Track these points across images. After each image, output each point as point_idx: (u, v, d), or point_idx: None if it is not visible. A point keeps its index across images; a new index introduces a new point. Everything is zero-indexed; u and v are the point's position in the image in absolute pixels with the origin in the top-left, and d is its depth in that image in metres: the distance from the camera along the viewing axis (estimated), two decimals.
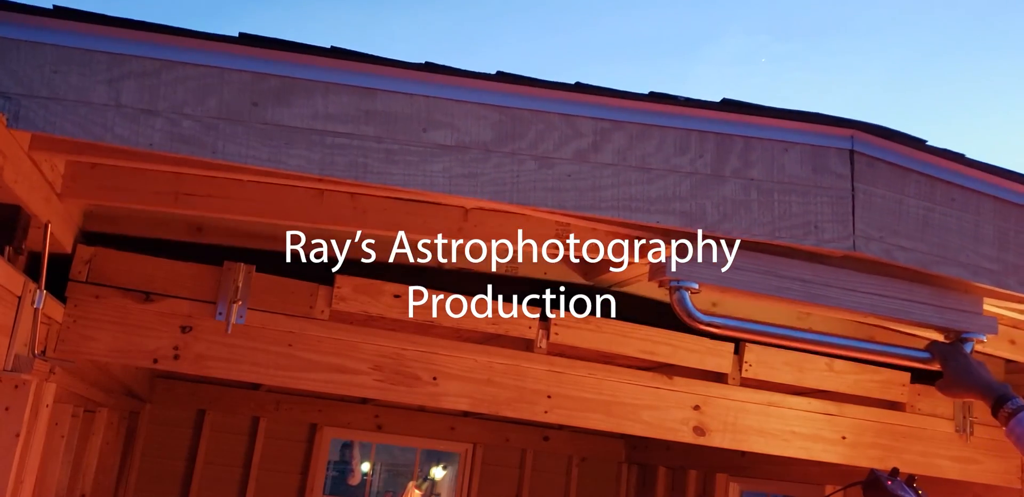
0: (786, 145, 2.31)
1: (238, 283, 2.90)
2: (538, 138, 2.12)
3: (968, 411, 3.75)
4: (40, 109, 1.83)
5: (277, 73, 1.97)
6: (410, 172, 2.01)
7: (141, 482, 5.74)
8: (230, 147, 1.91)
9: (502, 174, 2.07)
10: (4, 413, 2.30)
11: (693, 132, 2.24)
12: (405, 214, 2.80)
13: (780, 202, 2.27)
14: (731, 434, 3.42)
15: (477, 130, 2.08)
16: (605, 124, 2.18)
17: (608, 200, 2.14)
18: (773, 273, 2.32)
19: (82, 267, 2.83)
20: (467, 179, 2.05)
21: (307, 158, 1.95)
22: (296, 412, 6.07)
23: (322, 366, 2.98)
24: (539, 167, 2.11)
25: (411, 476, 8.84)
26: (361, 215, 2.76)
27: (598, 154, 2.15)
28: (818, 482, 4.65)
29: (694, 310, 2.26)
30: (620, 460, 6.70)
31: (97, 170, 2.58)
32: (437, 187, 2.03)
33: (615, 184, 2.15)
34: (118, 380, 4.09)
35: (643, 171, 2.18)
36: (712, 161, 2.24)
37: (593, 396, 3.27)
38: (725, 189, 2.23)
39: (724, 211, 2.22)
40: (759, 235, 2.25)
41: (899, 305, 2.46)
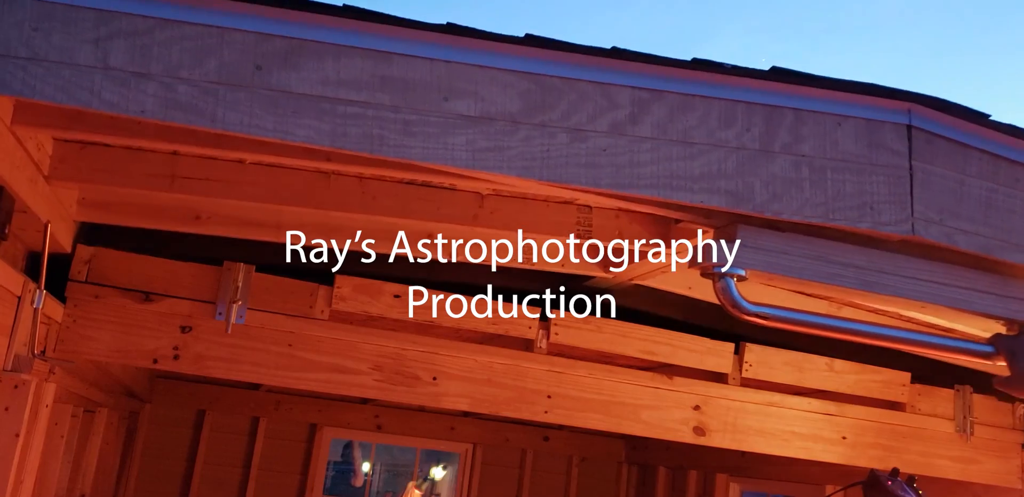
0: (839, 119, 2.14)
1: (238, 283, 2.90)
2: (570, 109, 1.94)
3: (968, 411, 3.75)
4: (19, 71, 1.66)
5: (283, 34, 1.81)
6: (430, 145, 1.83)
7: (141, 482, 5.74)
8: (231, 115, 1.74)
9: (531, 148, 1.89)
10: (4, 413, 2.30)
11: (739, 103, 2.06)
12: (416, 200, 2.70)
13: (833, 181, 2.09)
14: (731, 434, 3.41)
15: (503, 100, 1.90)
16: (643, 94, 1.99)
17: (647, 177, 1.95)
18: (824, 259, 2.16)
19: (82, 267, 2.83)
20: (492, 153, 1.87)
21: (316, 128, 1.77)
22: (296, 412, 6.06)
23: (322, 366, 2.98)
24: (571, 141, 1.92)
25: (411, 476, 8.83)
26: (370, 201, 2.67)
27: (636, 127, 1.97)
28: (818, 482, 4.65)
29: (741, 299, 2.09)
30: (620, 460, 6.69)
31: (88, 151, 2.49)
32: (459, 162, 1.84)
33: (654, 160, 1.96)
34: (118, 380, 4.09)
35: (685, 146, 2.00)
36: (760, 135, 2.06)
37: (593, 396, 3.27)
38: (774, 166, 2.05)
39: (774, 190, 2.04)
40: (812, 217, 2.06)
41: (959, 294, 2.28)
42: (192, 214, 2.90)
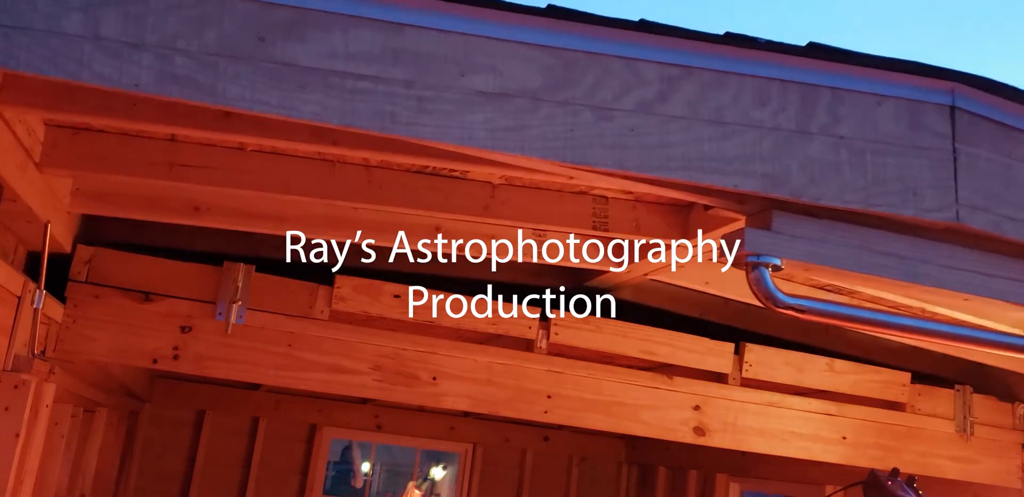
0: (879, 99, 2.01)
1: (238, 283, 2.90)
2: (595, 86, 1.82)
3: (968, 411, 3.75)
4: (1, 40, 1.55)
5: (288, 3, 1.69)
6: (445, 123, 1.70)
7: (141, 482, 5.74)
8: (232, 89, 1.62)
9: (554, 127, 1.77)
10: (4, 413, 2.30)
11: (774, 81, 1.94)
12: (425, 189, 2.62)
13: (874, 164, 1.98)
14: (731, 434, 3.41)
15: (524, 75, 1.78)
16: (673, 70, 1.88)
17: (677, 159, 1.82)
18: (866, 248, 2.02)
19: (82, 267, 2.83)
20: (513, 133, 1.74)
21: (324, 104, 1.65)
22: (296, 412, 6.06)
23: (322, 366, 2.98)
24: (597, 120, 1.80)
25: (411, 476, 8.83)
26: (377, 190, 2.58)
27: (665, 105, 1.85)
28: (818, 482, 4.65)
29: (776, 291, 1.96)
30: (620, 460, 6.69)
31: (81, 137, 2.39)
32: (477, 141, 1.72)
33: (685, 141, 1.84)
34: (118, 380, 4.09)
35: (718, 126, 1.88)
36: (796, 115, 1.94)
37: (593, 396, 3.27)
38: (812, 148, 1.93)
39: (811, 174, 1.92)
40: (852, 202, 1.95)
41: (1007, 286, 2.14)
42: (190, 205, 2.81)
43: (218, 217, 2.85)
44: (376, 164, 2.60)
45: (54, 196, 2.56)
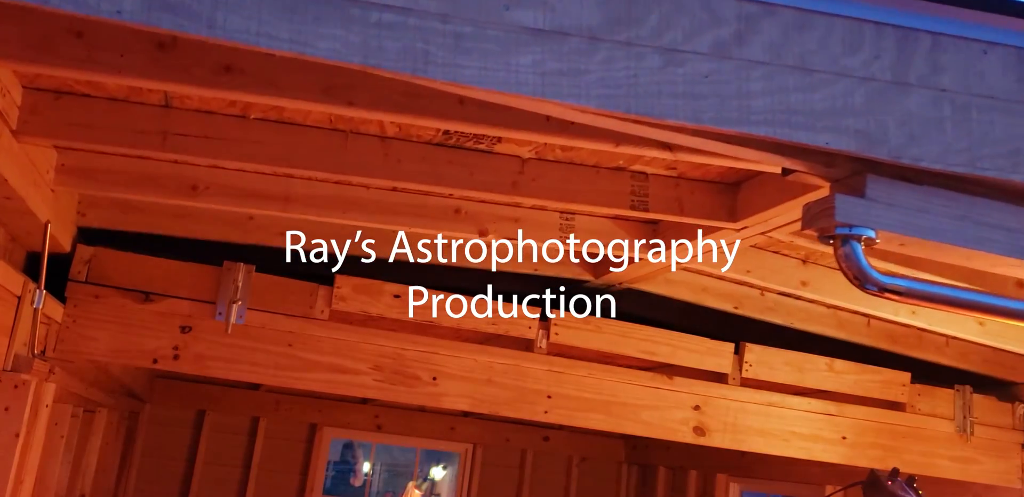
0: (985, 46, 1.77)
1: (238, 283, 2.90)
2: (663, 24, 1.58)
3: (968, 411, 3.75)
4: None
5: None
6: (488, 66, 1.45)
7: (141, 482, 5.73)
8: (234, 20, 1.38)
9: (615, 72, 1.51)
10: (4, 413, 2.30)
11: (867, 24, 1.71)
12: (448, 164, 2.42)
13: (979, 122, 1.74)
14: (731, 434, 3.41)
15: (579, 10, 1.55)
16: (752, 8, 1.65)
17: (760, 112, 1.59)
18: (969, 219, 1.78)
19: (82, 267, 2.83)
20: (567, 78, 1.50)
21: (344, 40, 1.40)
22: (296, 412, 6.06)
23: (322, 366, 2.98)
24: (665, 64, 1.56)
25: (411, 476, 8.83)
26: (394, 165, 2.38)
27: (743, 48, 1.61)
28: (818, 482, 4.64)
29: (870, 269, 1.71)
30: (620, 460, 6.69)
31: (64, 103, 2.18)
32: (525, 87, 1.48)
33: (768, 90, 1.60)
34: (118, 380, 4.09)
35: (804, 73, 1.65)
36: (892, 64, 1.71)
37: (593, 396, 3.26)
38: (910, 102, 1.69)
39: (911, 131, 1.69)
40: (956, 165, 1.71)
41: None
42: (188, 184, 2.60)
43: (218, 197, 2.65)
44: (393, 135, 2.38)
45: (36, 170, 2.34)
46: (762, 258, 3.20)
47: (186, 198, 2.64)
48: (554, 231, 2.90)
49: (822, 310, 3.64)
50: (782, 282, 3.22)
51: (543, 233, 2.90)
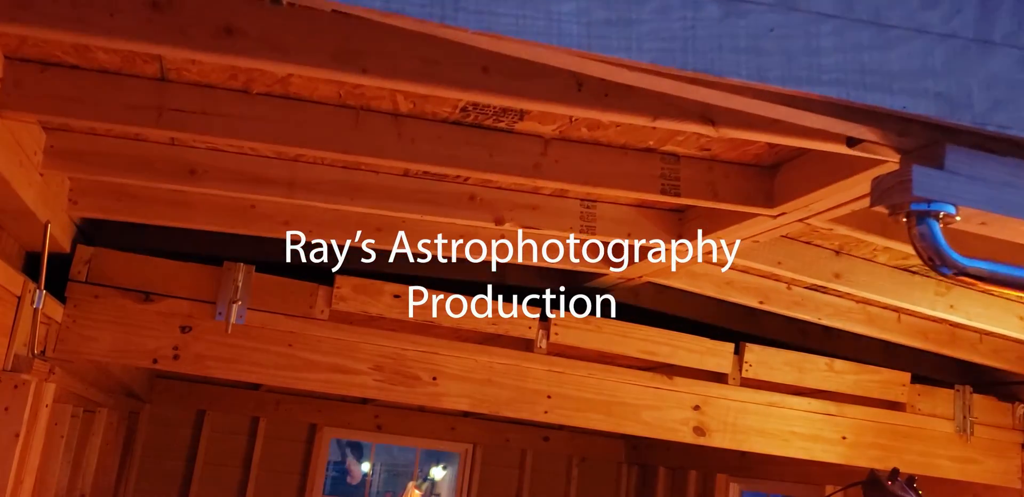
0: None
1: (238, 283, 2.90)
2: None
3: (968, 411, 3.75)
4: None
5: None
6: (526, 13, 1.28)
7: (141, 482, 5.73)
8: None
9: (670, 23, 1.35)
10: (4, 413, 2.30)
11: None
12: (465, 144, 2.28)
13: None
14: (731, 434, 3.41)
15: None
16: None
17: (830, 70, 1.42)
18: None
19: (82, 267, 2.83)
20: (615, 29, 1.32)
21: None
22: (296, 412, 6.06)
23: (322, 366, 2.98)
24: (725, 15, 1.41)
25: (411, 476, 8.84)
26: (408, 145, 2.24)
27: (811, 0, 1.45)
28: (818, 482, 4.64)
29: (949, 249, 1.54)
30: (620, 460, 6.69)
31: (50, 75, 2.03)
32: (568, 39, 1.31)
33: (839, 47, 1.44)
34: (118, 380, 4.09)
35: (878, 29, 1.48)
36: (974, 19, 1.52)
37: (593, 396, 3.26)
38: (994, 63, 1.51)
39: (995, 96, 1.50)
40: None
41: None
42: (186, 167, 2.45)
43: (217, 181, 2.50)
44: (407, 112, 2.23)
45: (22, 150, 2.22)
46: (793, 249, 3.03)
47: (184, 182, 2.49)
48: (574, 219, 2.75)
49: (850, 305, 3.49)
50: (814, 274, 3.06)
51: (563, 221, 2.75)
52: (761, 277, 3.34)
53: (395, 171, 2.63)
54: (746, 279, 3.35)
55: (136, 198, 2.83)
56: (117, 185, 2.77)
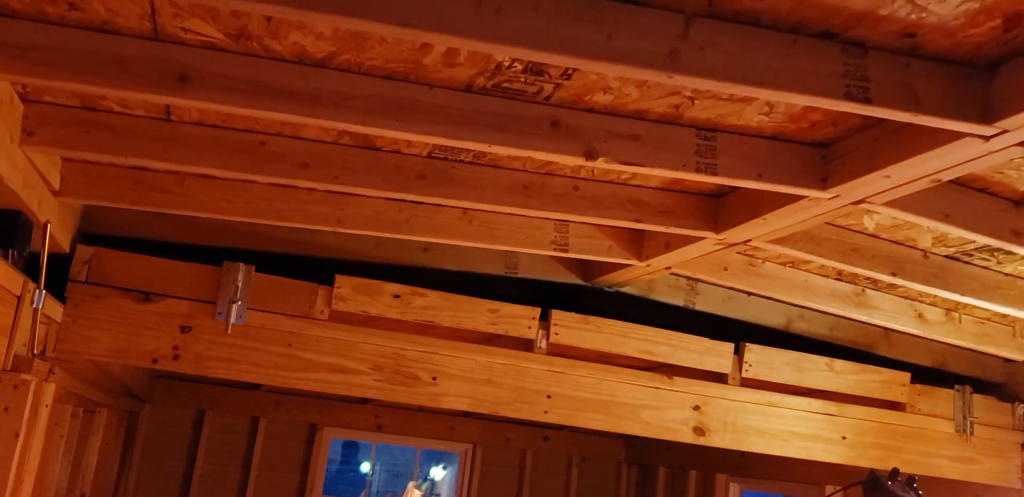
0: None
1: (237, 283, 2.90)
2: None
3: (968, 411, 3.75)
4: None
5: None
6: None
7: (141, 482, 5.74)
8: None
9: None
10: (3, 413, 2.30)
11: None
12: (572, 20, 1.67)
13: None
14: (731, 434, 3.41)
15: None
16: None
17: None
18: None
19: (81, 267, 2.83)
20: None
21: None
22: (296, 412, 6.06)
23: (322, 366, 2.98)
24: None
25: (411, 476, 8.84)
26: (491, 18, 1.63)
27: None
28: (818, 482, 4.65)
29: None
30: (620, 460, 6.69)
31: None
32: None
33: None
34: (118, 380, 4.09)
35: None
36: None
37: (593, 396, 3.26)
38: None
39: None
40: None
41: None
42: (174, 70, 1.88)
43: (216, 91, 1.92)
44: None
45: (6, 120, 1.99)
46: (964, 198, 2.41)
47: (171, 92, 1.90)
48: (687, 154, 2.18)
49: (999, 278, 2.88)
50: (989, 230, 2.45)
51: (673, 156, 2.16)
52: (893, 243, 2.82)
53: (455, 82, 2.04)
54: (876, 245, 2.81)
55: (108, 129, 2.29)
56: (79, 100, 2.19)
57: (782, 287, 3.30)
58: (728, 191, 2.68)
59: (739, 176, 2.22)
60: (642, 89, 2.02)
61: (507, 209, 2.67)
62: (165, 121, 2.36)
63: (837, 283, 3.38)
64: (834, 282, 3.37)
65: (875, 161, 2.07)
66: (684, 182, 2.65)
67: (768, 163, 2.20)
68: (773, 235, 2.69)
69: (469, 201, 2.60)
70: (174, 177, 2.76)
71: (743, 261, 3.28)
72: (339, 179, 2.50)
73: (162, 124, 2.36)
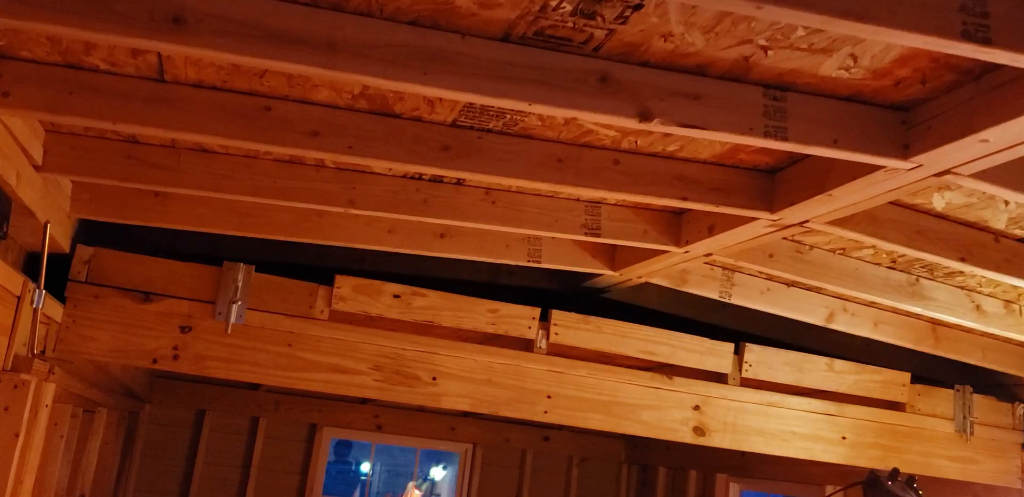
0: None
1: (237, 283, 2.90)
2: None
3: (968, 411, 3.75)
4: None
5: None
6: None
7: (141, 482, 5.74)
8: None
9: None
10: (3, 413, 2.29)
11: None
12: None
13: None
14: (731, 434, 3.41)
15: None
16: None
17: None
18: None
19: (81, 267, 2.83)
20: None
21: None
22: (296, 412, 6.06)
23: (322, 366, 2.98)
24: None
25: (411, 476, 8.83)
26: None
27: None
28: (818, 482, 4.65)
29: None
30: (620, 460, 6.69)
31: None
32: None
33: None
34: (118, 380, 4.09)
35: None
36: None
37: (593, 396, 3.26)
38: None
39: None
40: None
41: None
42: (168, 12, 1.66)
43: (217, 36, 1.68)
44: None
45: None
46: None
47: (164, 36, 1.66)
48: (755, 116, 1.91)
49: None
50: None
51: (738, 118, 1.91)
52: (963, 225, 2.64)
53: (492, 29, 1.79)
54: (943, 228, 2.63)
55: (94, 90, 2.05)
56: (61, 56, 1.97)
57: (832, 276, 3.04)
58: (785, 165, 2.37)
59: (812, 142, 1.93)
60: (708, 35, 1.73)
61: (538, 185, 2.35)
62: (158, 82, 2.07)
63: (890, 272, 3.10)
64: (887, 271, 3.10)
65: (971, 123, 1.81)
66: (738, 155, 2.32)
67: (843, 127, 1.95)
68: (834, 215, 2.41)
69: (497, 176, 2.29)
70: (169, 151, 2.48)
71: (790, 248, 3.00)
72: (353, 149, 2.18)
73: (155, 85, 2.07)
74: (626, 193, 2.38)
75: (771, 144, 1.93)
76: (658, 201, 2.43)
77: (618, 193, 2.38)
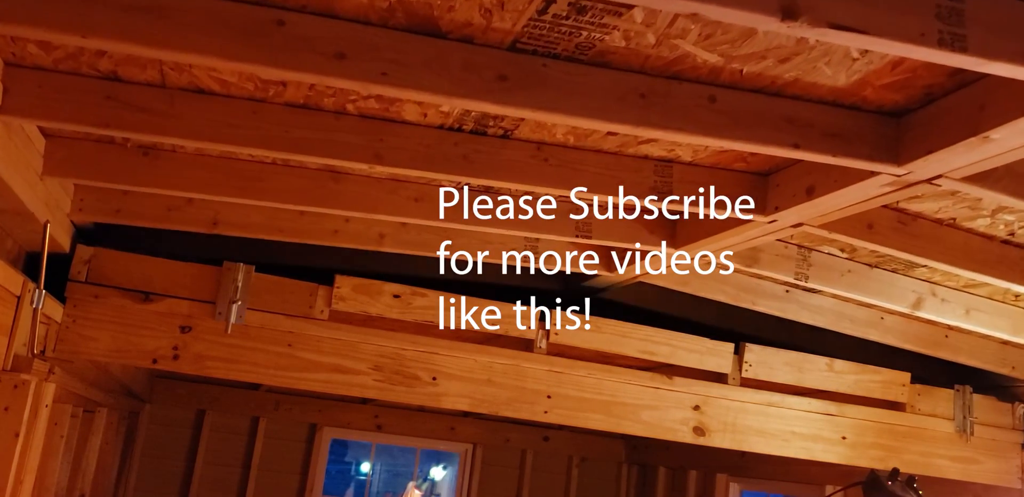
0: None
1: (237, 283, 2.90)
2: None
3: (968, 411, 3.75)
4: None
5: None
6: None
7: (141, 482, 5.74)
8: None
9: None
10: (3, 413, 2.29)
11: None
12: None
13: None
14: (731, 434, 3.41)
15: None
16: None
17: None
18: None
19: (81, 267, 2.83)
20: None
21: None
22: (296, 412, 6.06)
23: (322, 366, 2.98)
24: None
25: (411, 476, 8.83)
26: None
27: None
28: (818, 482, 4.65)
29: None
30: (620, 460, 6.69)
31: None
32: None
33: None
34: (118, 380, 4.09)
35: None
36: None
37: (593, 396, 3.26)
38: None
39: None
40: None
41: None
42: None
43: None
44: None
45: None
46: None
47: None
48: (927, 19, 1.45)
49: None
50: None
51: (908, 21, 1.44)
52: None
53: None
54: None
55: None
56: None
57: (939, 251, 2.54)
58: (917, 107, 1.88)
59: (995, 55, 1.46)
60: None
61: (615, 126, 1.87)
62: None
63: (1005, 247, 2.58)
64: (1001, 245, 2.58)
65: None
66: (863, 91, 1.84)
67: None
68: (975, 168, 1.89)
69: (564, 114, 1.81)
70: (159, 92, 2.04)
71: (892, 217, 2.50)
72: (388, 77, 1.71)
73: None
74: (723, 139, 1.89)
75: (945, 58, 1.46)
76: (763, 149, 1.93)
77: (715, 139, 1.89)
